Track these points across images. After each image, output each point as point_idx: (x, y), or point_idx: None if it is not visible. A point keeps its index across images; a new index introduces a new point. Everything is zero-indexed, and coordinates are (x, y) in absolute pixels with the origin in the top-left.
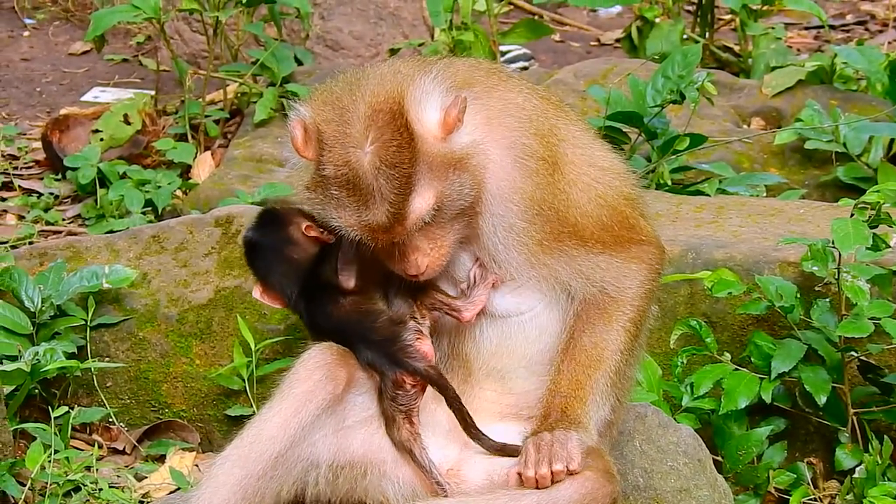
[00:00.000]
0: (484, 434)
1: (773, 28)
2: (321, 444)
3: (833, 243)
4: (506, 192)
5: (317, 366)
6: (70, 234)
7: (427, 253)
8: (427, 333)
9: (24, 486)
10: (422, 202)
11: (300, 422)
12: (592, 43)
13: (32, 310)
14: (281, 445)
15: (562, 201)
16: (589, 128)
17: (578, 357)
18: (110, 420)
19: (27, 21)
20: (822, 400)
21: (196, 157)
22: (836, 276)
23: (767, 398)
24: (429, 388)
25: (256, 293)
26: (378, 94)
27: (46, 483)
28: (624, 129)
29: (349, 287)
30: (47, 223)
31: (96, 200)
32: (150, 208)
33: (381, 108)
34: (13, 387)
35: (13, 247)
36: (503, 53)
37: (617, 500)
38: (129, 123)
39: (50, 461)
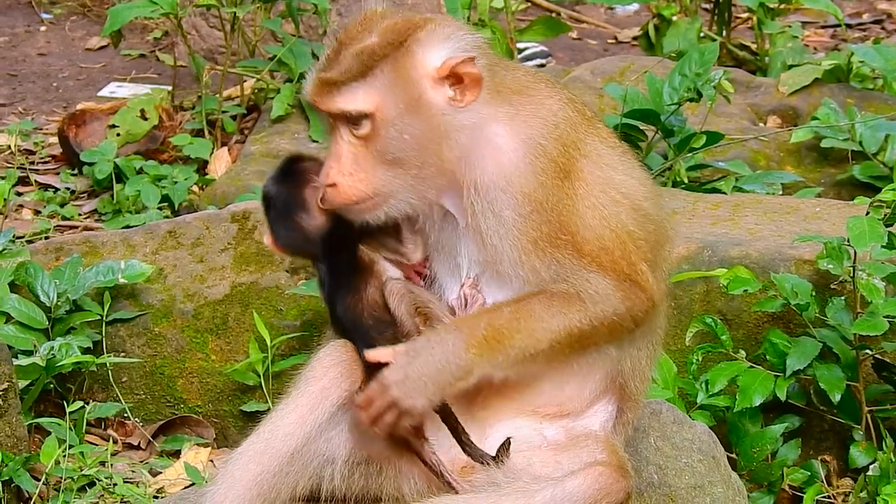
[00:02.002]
0: (476, 447)
1: (789, 26)
2: (337, 440)
3: (848, 241)
4: (502, 183)
5: (333, 363)
6: (86, 229)
7: (341, 172)
8: None
9: (39, 480)
10: (356, 98)
11: (317, 418)
12: (610, 41)
13: (48, 304)
14: (297, 441)
15: (566, 206)
16: (621, 152)
17: (523, 314)
18: (125, 415)
19: (44, 16)
20: (836, 398)
21: (213, 152)
22: (852, 274)
23: (782, 396)
24: None
25: (266, 240)
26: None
27: (61, 478)
28: (641, 127)
29: (416, 259)
30: (63, 218)
31: (112, 195)
32: (166, 204)
33: (408, 24)
34: (28, 381)
35: (29, 241)
36: (520, 51)
37: (631, 495)
38: (145, 119)
39: (64, 456)
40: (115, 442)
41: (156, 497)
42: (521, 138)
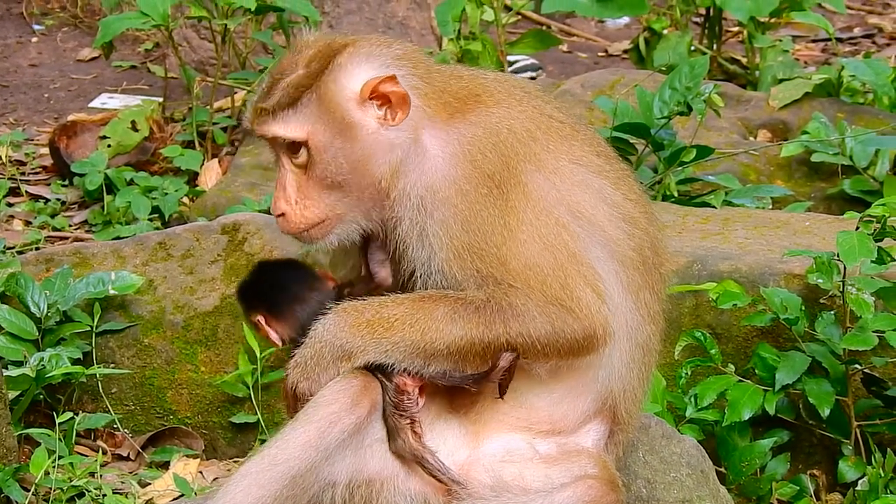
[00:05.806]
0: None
1: (780, 40)
2: (340, 464)
3: (838, 256)
4: (428, 190)
5: (342, 390)
6: (76, 240)
7: (287, 201)
8: None
9: (28, 491)
10: (288, 126)
11: (323, 446)
12: (600, 54)
13: (38, 315)
14: (302, 466)
15: (493, 218)
16: (597, 171)
17: (421, 312)
18: (115, 426)
19: (35, 27)
20: (825, 412)
21: (203, 164)
22: (841, 289)
23: (771, 410)
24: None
25: (261, 318)
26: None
27: (50, 488)
28: (631, 141)
29: (387, 283)
30: (54, 229)
31: (103, 207)
32: (156, 215)
33: (330, 49)
34: (18, 392)
35: (20, 252)
36: (511, 63)
37: None
38: (136, 130)
39: (54, 467)
40: (104, 453)
41: None
42: (452, 146)
